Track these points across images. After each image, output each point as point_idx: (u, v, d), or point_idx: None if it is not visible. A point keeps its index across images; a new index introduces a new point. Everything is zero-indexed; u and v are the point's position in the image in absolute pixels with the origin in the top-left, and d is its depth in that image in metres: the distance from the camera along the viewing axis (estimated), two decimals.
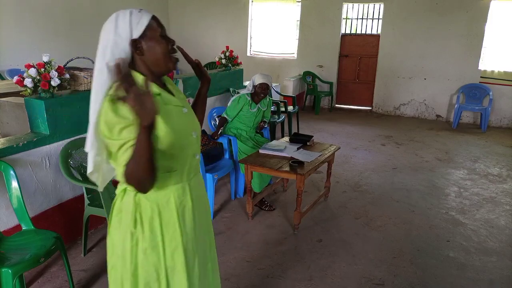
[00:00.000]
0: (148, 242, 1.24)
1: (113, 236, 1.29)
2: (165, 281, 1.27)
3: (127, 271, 1.26)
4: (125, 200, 1.26)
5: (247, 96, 3.56)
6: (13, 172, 2.12)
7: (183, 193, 1.29)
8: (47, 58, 2.41)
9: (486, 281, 2.51)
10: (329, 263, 2.66)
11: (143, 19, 1.18)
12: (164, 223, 1.25)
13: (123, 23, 1.18)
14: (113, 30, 1.18)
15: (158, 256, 1.26)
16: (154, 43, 1.19)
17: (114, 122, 1.09)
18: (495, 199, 3.76)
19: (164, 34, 1.22)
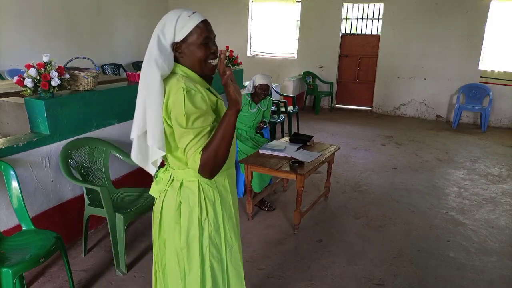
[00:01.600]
0: (213, 226, 1.36)
1: (168, 234, 1.37)
2: (225, 261, 1.40)
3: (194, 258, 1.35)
4: (185, 193, 1.34)
5: (247, 96, 3.57)
6: (13, 172, 2.12)
7: (232, 177, 1.44)
8: (47, 58, 2.41)
9: (486, 281, 2.51)
10: (329, 263, 2.66)
11: (188, 25, 1.25)
12: (223, 205, 1.38)
13: (170, 25, 1.26)
14: (160, 29, 1.26)
15: (220, 238, 1.38)
16: (193, 49, 1.27)
17: (191, 112, 1.19)
18: (495, 199, 3.76)
19: (205, 42, 1.28)
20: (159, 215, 1.40)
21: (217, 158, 1.20)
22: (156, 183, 1.42)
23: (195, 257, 1.36)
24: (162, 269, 1.44)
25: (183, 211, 1.34)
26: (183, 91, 1.19)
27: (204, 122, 1.21)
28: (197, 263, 1.36)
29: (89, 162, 2.66)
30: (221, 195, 1.38)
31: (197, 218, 1.33)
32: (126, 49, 7.81)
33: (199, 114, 1.20)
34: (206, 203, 1.34)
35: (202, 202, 1.33)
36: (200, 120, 1.20)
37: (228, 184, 1.41)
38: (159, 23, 1.28)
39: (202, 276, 1.37)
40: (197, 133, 1.20)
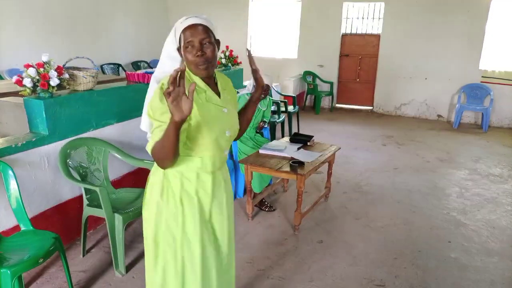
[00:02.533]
0: (170, 213, 1.43)
1: (145, 209, 1.51)
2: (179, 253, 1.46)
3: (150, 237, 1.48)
4: (156, 175, 1.47)
5: (247, 96, 3.55)
6: (11, 172, 2.11)
7: (206, 177, 1.47)
8: (46, 58, 2.40)
9: (488, 282, 2.49)
10: (329, 264, 2.64)
11: (178, 30, 1.38)
12: (185, 197, 1.44)
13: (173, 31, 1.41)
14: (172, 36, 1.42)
15: (177, 227, 1.44)
16: (184, 52, 1.38)
17: (157, 107, 1.30)
18: (497, 200, 3.74)
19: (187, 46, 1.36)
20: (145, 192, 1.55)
21: (157, 156, 1.29)
22: None
23: (150, 236, 1.48)
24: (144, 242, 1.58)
25: (153, 190, 1.47)
26: (158, 86, 1.33)
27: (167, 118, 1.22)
28: (152, 243, 1.48)
29: (88, 162, 2.65)
30: (183, 187, 1.43)
31: (156, 201, 1.44)
32: (125, 49, 7.79)
33: (164, 110, 1.25)
34: (167, 189, 1.43)
35: (164, 187, 1.44)
36: (164, 116, 1.26)
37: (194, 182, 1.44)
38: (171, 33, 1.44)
39: (155, 256, 1.49)
40: (157, 125, 1.30)
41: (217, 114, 1.42)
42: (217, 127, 1.42)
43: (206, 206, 1.49)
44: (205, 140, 1.39)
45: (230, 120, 1.49)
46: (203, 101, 1.39)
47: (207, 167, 1.45)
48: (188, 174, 1.44)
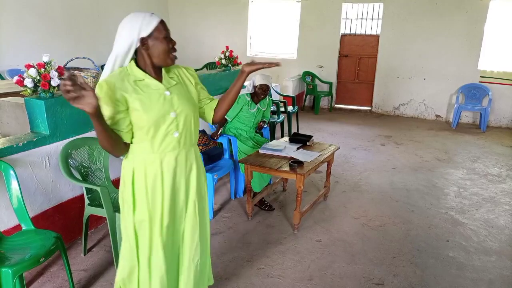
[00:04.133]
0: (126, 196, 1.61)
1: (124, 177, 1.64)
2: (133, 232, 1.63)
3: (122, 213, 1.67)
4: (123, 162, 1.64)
5: (247, 96, 3.57)
6: (13, 172, 2.12)
7: (159, 164, 1.58)
8: (47, 58, 2.42)
9: (486, 280, 2.51)
10: (328, 262, 2.66)
11: (152, 22, 1.48)
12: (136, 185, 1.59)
13: (136, 23, 1.47)
14: (128, 28, 1.47)
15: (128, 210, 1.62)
16: (158, 42, 1.49)
17: None
18: (495, 199, 3.76)
19: (167, 36, 1.53)
20: None
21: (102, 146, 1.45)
22: None
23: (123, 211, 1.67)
24: None
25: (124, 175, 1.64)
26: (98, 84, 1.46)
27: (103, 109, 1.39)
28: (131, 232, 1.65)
29: (89, 162, 2.66)
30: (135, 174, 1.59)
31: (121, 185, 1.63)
32: None
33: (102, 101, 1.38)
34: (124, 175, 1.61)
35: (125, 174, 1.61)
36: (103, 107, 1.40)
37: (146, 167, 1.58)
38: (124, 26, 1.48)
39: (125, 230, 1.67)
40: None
41: (157, 98, 1.53)
42: (156, 109, 1.52)
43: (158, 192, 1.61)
44: (145, 123, 1.50)
45: (174, 103, 1.57)
46: (143, 87, 1.51)
47: (154, 148, 1.56)
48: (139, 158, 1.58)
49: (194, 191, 1.73)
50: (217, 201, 3.53)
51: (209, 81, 4.47)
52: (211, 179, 3.13)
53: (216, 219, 3.23)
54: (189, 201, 1.72)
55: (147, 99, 1.50)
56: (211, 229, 3.05)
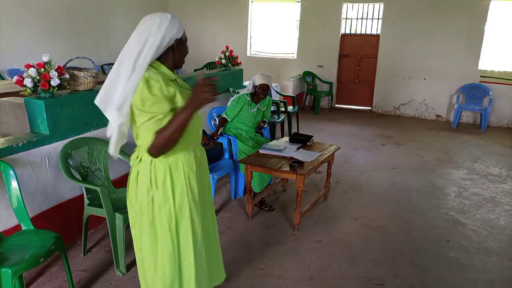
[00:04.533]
0: (161, 198, 1.56)
1: (131, 198, 1.62)
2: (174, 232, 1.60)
3: (146, 224, 1.59)
4: (141, 166, 1.57)
5: (247, 96, 3.56)
6: (12, 172, 2.12)
7: (189, 158, 1.62)
8: (47, 58, 2.41)
9: (486, 281, 2.51)
10: (329, 263, 2.66)
11: (181, 28, 1.55)
12: (174, 182, 1.58)
13: (174, 24, 1.50)
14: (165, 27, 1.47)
15: (169, 209, 1.58)
16: (184, 46, 1.59)
17: (147, 98, 1.42)
18: (495, 199, 3.76)
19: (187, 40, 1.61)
20: (128, 185, 1.66)
21: (167, 143, 1.43)
22: (131, 161, 1.67)
23: (146, 224, 1.59)
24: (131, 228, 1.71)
25: (139, 181, 1.58)
26: (143, 79, 1.42)
27: (158, 108, 1.43)
28: (148, 229, 1.60)
29: (89, 162, 2.66)
30: (172, 173, 1.58)
31: (147, 189, 1.56)
32: None
33: (154, 100, 1.42)
34: (156, 177, 1.56)
35: (152, 176, 1.56)
36: (154, 106, 1.42)
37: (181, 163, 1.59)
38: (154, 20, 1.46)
39: (152, 242, 1.61)
40: (150, 117, 1.43)
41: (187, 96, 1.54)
42: None
43: (193, 184, 1.64)
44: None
45: None
46: (178, 87, 1.55)
47: (188, 147, 1.62)
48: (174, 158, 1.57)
49: (208, 184, 1.82)
50: (217, 201, 3.52)
51: None
52: (211, 179, 3.11)
53: (216, 219, 3.21)
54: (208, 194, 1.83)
55: (184, 96, 1.53)
56: None
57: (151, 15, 1.50)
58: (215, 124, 3.89)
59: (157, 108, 1.43)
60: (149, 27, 1.45)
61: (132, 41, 1.46)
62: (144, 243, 1.64)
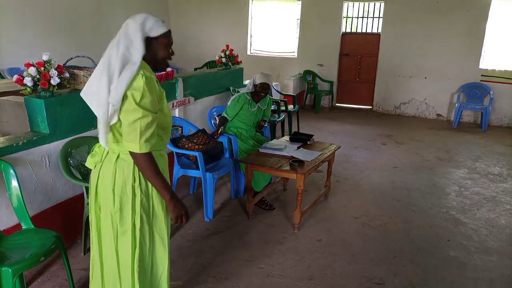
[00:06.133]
0: (144, 193, 1.59)
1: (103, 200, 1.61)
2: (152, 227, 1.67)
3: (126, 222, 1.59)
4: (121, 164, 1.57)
5: (247, 95, 3.56)
6: (13, 171, 2.11)
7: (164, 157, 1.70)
8: (47, 57, 2.41)
9: (487, 280, 2.51)
10: (329, 262, 2.66)
11: (162, 27, 1.54)
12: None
13: (149, 23, 1.50)
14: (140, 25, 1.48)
15: (149, 205, 1.62)
16: (160, 47, 1.55)
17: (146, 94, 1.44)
18: (496, 198, 3.75)
19: (170, 45, 1.59)
20: (96, 183, 1.63)
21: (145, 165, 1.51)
22: (91, 156, 1.67)
23: (127, 221, 1.59)
24: (97, 232, 1.70)
25: (117, 179, 1.57)
26: (142, 76, 1.45)
27: (152, 106, 1.47)
28: (129, 226, 1.59)
29: None
30: None
31: (131, 185, 1.56)
32: None
33: (151, 98, 1.46)
34: (139, 173, 1.57)
35: (136, 172, 1.57)
36: (149, 104, 1.46)
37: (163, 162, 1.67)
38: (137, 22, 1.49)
39: (133, 238, 1.61)
40: (144, 115, 1.44)
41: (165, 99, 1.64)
42: (168, 111, 1.66)
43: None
44: (166, 121, 1.63)
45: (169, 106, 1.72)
46: (159, 88, 1.57)
47: (164, 146, 1.69)
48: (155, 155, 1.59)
49: None
50: (217, 201, 3.52)
51: (209, 80, 4.46)
52: (211, 178, 3.12)
53: (216, 218, 3.23)
54: None
55: (162, 100, 1.60)
56: (211, 229, 3.06)
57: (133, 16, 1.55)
58: (215, 123, 3.88)
59: (151, 105, 1.47)
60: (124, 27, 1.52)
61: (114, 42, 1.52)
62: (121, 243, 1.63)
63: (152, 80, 1.49)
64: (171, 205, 1.58)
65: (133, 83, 1.44)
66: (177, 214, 1.59)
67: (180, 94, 3.84)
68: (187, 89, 3.98)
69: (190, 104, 4.04)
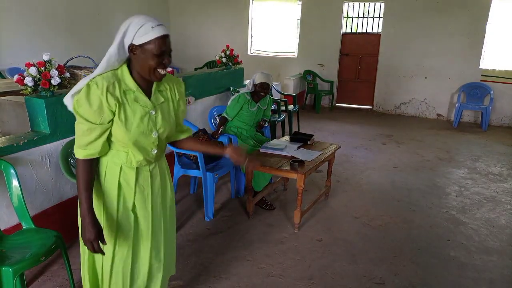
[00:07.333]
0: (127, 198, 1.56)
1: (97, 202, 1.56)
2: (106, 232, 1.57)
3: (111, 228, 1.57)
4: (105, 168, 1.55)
5: (247, 95, 3.55)
6: (13, 171, 2.12)
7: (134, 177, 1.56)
8: (48, 56, 2.41)
9: (487, 280, 2.51)
10: (329, 262, 2.66)
11: (149, 34, 1.37)
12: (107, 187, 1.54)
13: (132, 29, 1.38)
14: (124, 30, 1.39)
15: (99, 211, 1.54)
16: (146, 56, 1.39)
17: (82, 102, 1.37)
18: (496, 198, 3.75)
19: (160, 54, 1.40)
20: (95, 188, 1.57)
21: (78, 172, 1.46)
22: None
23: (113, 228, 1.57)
24: None
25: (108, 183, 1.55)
26: (87, 83, 1.39)
27: (88, 117, 1.38)
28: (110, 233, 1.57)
29: None
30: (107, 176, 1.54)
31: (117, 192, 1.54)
32: None
33: (87, 107, 1.37)
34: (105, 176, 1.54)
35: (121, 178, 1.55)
36: (86, 113, 1.38)
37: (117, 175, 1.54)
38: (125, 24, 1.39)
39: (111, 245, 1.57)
40: (79, 121, 1.41)
41: (142, 115, 1.48)
42: (139, 128, 1.47)
43: (129, 197, 1.57)
44: (125, 138, 1.46)
45: (158, 122, 1.53)
46: (130, 101, 1.45)
47: (131, 162, 1.53)
48: (113, 166, 1.53)
49: (170, 197, 1.77)
50: (217, 200, 3.52)
51: (210, 80, 4.46)
52: (211, 178, 3.12)
53: (217, 218, 3.23)
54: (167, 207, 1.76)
55: (132, 115, 1.45)
56: (211, 228, 3.06)
57: None
58: (215, 123, 3.88)
59: (89, 115, 1.37)
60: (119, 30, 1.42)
61: None
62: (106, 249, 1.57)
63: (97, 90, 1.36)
64: (84, 223, 1.45)
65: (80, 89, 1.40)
66: (87, 237, 1.45)
67: None
68: (187, 89, 3.98)
69: (191, 104, 4.05)
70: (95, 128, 1.40)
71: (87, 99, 1.36)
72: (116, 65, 1.44)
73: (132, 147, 1.49)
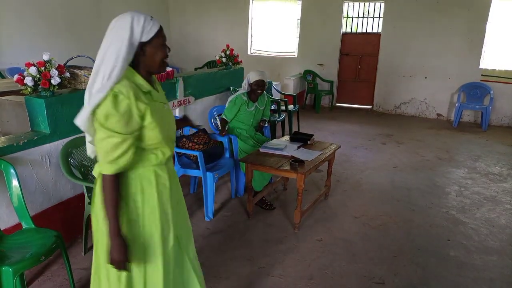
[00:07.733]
0: (131, 214, 1.44)
1: (97, 213, 1.45)
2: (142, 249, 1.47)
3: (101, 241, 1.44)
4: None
5: (243, 96, 3.55)
6: (13, 171, 2.12)
7: (162, 173, 1.49)
8: (48, 56, 2.41)
9: (487, 280, 2.51)
10: (329, 261, 2.66)
11: (153, 28, 1.37)
12: (146, 199, 1.45)
13: (138, 27, 1.34)
14: (128, 31, 1.33)
15: (138, 227, 1.45)
16: (156, 50, 1.39)
17: (112, 114, 1.29)
18: (496, 198, 3.75)
19: (165, 43, 1.43)
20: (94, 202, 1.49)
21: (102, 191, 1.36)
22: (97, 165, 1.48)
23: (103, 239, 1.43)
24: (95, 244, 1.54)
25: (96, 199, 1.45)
26: (111, 93, 1.29)
27: (121, 128, 1.30)
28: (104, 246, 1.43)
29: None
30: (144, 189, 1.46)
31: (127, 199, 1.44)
32: None
33: (119, 118, 1.29)
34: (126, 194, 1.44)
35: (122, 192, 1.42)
36: (118, 124, 1.29)
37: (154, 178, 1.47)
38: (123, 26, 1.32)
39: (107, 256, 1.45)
40: (109, 135, 1.29)
41: (162, 111, 1.47)
42: (167, 122, 1.48)
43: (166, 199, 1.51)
44: (158, 137, 1.42)
45: (172, 115, 1.59)
46: (150, 100, 1.40)
47: (161, 160, 1.48)
48: (147, 175, 1.45)
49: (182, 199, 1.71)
50: (217, 200, 3.52)
51: (210, 80, 4.46)
52: (211, 178, 3.12)
53: (217, 218, 3.23)
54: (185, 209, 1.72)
55: (157, 113, 1.41)
56: (211, 228, 3.06)
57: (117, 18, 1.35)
58: (215, 123, 3.88)
59: (121, 127, 1.29)
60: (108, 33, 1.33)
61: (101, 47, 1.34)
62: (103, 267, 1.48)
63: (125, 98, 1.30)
64: (113, 243, 1.35)
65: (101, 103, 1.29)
66: (115, 258, 1.36)
67: (181, 94, 3.85)
68: (187, 89, 3.99)
69: (191, 104, 4.05)
70: (127, 139, 1.32)
71: (116, 110, 1.28)
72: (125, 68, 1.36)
73: (163, 145, 1.46)
